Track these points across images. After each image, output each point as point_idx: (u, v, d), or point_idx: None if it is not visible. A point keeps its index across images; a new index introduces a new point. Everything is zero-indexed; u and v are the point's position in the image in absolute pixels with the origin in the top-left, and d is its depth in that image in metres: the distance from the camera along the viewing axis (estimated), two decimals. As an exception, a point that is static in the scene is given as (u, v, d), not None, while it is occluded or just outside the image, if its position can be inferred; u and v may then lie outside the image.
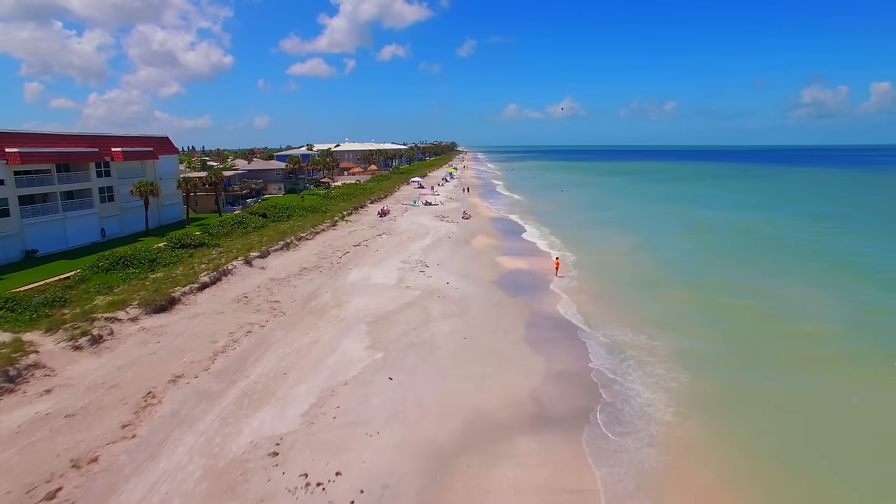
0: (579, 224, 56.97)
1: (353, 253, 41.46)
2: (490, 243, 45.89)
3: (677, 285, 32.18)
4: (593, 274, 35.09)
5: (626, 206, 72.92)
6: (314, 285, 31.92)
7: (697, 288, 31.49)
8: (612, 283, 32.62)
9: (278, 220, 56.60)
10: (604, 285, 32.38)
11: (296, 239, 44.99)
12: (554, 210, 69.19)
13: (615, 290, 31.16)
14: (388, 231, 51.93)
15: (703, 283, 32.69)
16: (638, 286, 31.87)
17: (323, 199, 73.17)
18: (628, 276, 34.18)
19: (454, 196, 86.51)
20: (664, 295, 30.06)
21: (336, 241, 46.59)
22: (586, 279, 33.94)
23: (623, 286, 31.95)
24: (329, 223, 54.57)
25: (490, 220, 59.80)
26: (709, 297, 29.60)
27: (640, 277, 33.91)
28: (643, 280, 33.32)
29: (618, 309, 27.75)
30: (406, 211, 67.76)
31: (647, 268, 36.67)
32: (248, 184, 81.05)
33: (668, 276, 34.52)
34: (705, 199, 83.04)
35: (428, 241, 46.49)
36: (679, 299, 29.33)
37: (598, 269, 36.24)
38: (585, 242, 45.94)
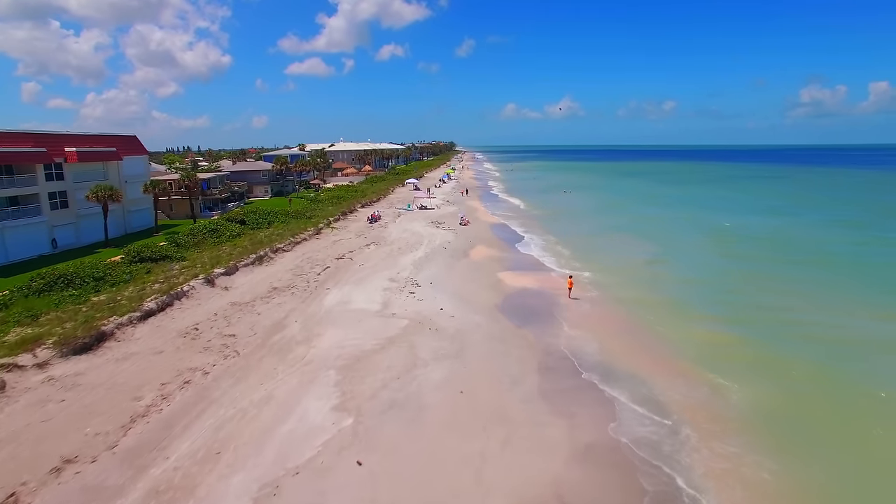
0: (588, 232, 51.89)
1: (334, 268, 36.30)
2: (491, 255, 40.78)
3: (713, 318, 26.88)
4: (612, 296, 29.98)
5: (636, 211, 67.86)
6: (282, 312, 26.76)
7: (739, 324, 26.15)
8: (635, 310, 27.49)
9: (257, 227, 51.51)
10: (626, 313, 27.26)
11: (271, 251, 39.80)
12: (558, 215, 64.11)
13: (641, 321, 26.02)
14: (378, 240, 46.79)
15: (743, 315, 27.40)
16: (666, 316, 26.73)
17: (310, 203, 68.02)
18: (653, 302, 29.05)
19: (452, 199, 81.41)
20: (699, 331, 24.86)
21: (317, 252, 41.43)
22: (605, 304, 28.85)
23: (649, 315, 26.82)
24: (312, 231, 49.41)
25: (490, 227, 54.70)
26: (757, 340, 24.46)
27: (666, 304, 28.77)
28: (671, 307, 28.18)
29: (647, 348, 22.64)
30: (399, 216, 62.63)
31: (673, 289, 31.53)
32: (231, 186, 75.84)
33: (698, 302, 29.35)
34: (718, 201, 78.04)
35: (421, 252, 41.37)
36: (720, 340, 24.12)
37: (617, 290, 31.13)
38: (597, 255, 40.84)
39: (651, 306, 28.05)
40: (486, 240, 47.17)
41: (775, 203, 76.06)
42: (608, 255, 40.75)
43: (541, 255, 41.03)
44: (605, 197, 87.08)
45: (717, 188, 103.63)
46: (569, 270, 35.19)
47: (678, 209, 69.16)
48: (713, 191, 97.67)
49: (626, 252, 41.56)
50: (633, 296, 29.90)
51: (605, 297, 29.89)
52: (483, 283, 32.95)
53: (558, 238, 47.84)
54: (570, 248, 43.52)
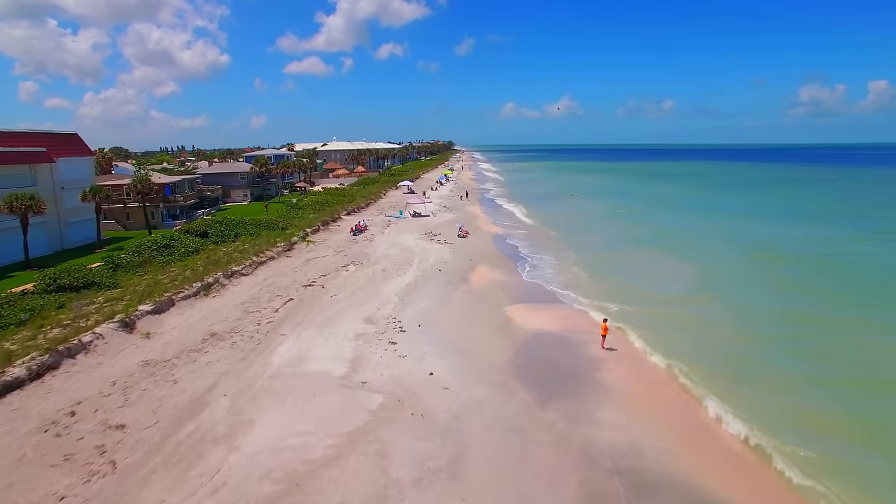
0: (606, 247, 44.43)
1: (298, 301, 28.78)
2: (495, 280, 33.32)
3: (803, 385, 19.53)
4: (657, 347, 22.52)
5: (655, 220, 60.41)
6: (209, 377, 19.23)
7: (839, 398, 18.90)
8: (695, 373, 20.00)
9: (221, 241, 44.04)
10: (685, 379, 19.77)
11: (224, 276, 32.25)
12: (569, 224, 56.63)
13: (707, 391, 18.53)
14: (360, 258, 39.26)
15: (842, 376, 20.14)
16: (743, 384, 19.26)
17: (289, 210, 60.47)
18: (716, 360, 21.47)
19: (449, 204, 73.91)
20: (795, 409, 17.50)
21: (283, 277, 33.91)
22: (651, 363, 21.39)
23: (717, 381, 19.31)
24: (283, 246, 41.87)
25: (493, 240, 47.22)
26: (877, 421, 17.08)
27: (734, 362, 21.25)
28: (743, 369, 20.66)
29: (730, 452, 15.21)
30: (389, 225, 55.11)
31: (732, 338, 23.98)
32: (203, 190, 68.25)
33: (772, 359, 21.80)
34: (741, 207, 70.62)
35: (410, 276, 33.88)
36: (829, 424, 16.77)
37: (660, 337, 23.61)
38: (623, 280, 33.41)
39: (716, 367, 20.56)
40: (488, 257, 39.69)
41: (805, 209, 68.63)
42: (637, 280, 33.27)
43: (555, 279, 33.52)
44: (615, 202, 79.60)
45: (735, 192, 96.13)
46: (595, 306, 27.73)
47: (700, 217, 61.69)
48: (731, 195, 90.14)
49: (659, 277, 34.08)
50: (684, 348, 22.37)
51: (648, 349, 22.44)
52: (487, 323, 25.47)
53: (573, 255, 40.37)
54: (589, 269, 36.06)
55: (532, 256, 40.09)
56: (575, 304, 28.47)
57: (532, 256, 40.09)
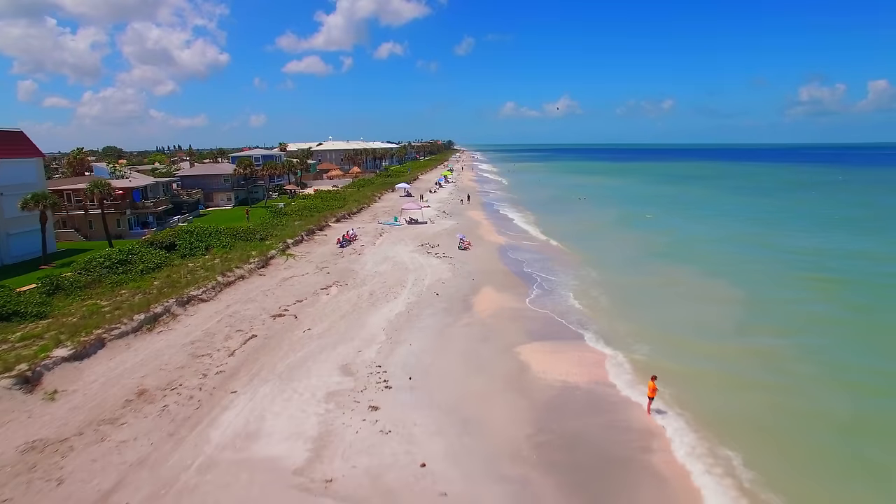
0: (628, 263, 38.95)
1: (262, 338, 23.31)
2: (503, 308, 27.86)
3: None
4: (718, 414, 17.10)
5: (677, 228, 55.01)
6: (111, 473, 13.72)
7: None
8: (786, 456, 14.58)
9: (191, 254, 38.76)
10: (773, 468, 14.36)
11: (178, 303, 26.78)
12: (581, 233, 51.19)
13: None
14: (345, 277, 33.80)
15: None
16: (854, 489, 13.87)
17: (272, 217, 55.04)
18: (805, 445, 16.13)
19: (449, 208, 68.44)
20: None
21: (251, 302, 28.44)
22: (722, 437, 15.93)
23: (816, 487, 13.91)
24: (258, 261, 36.41)
25: (498, 253, 41.76)
26: None
27: (831, 454, 15.89)
28: (846, 466, 15.32)
29: None
30: (381, 234, 49.63)
31: (821, 420, 18.60)
32: (181, 194, 62.80)
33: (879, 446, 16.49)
34: (769, 212, 65.19)
35: (402, 301, 28.42)
36: None
37: (716, 397, 18.27)
38: (657, 311, 27.94)
39: (807, 454, 15.15)
40: (494, 276, 34.23)
41: (831, 215, 63.18)
42: (671, 311, 27.77)
43: (573, 308, 28.00)
44: (627, 205, 74.18)
45: (754, 195, 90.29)
46: (626, 347, 22.32)
47: (726, 225, 56.17)
48: (751, 198, 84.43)
49: (697, 307, 28.50)
50: (755, 419, 16.99)
51: (709, 416, 17.02)
52: (497, 372, 20.04)
53: (590, 274, 34.92)
54: (611, 293, 30.63)
55: (543, 275, 34.59)
56: (601, 345, 23.01)
57: (543, 275, 34.59)
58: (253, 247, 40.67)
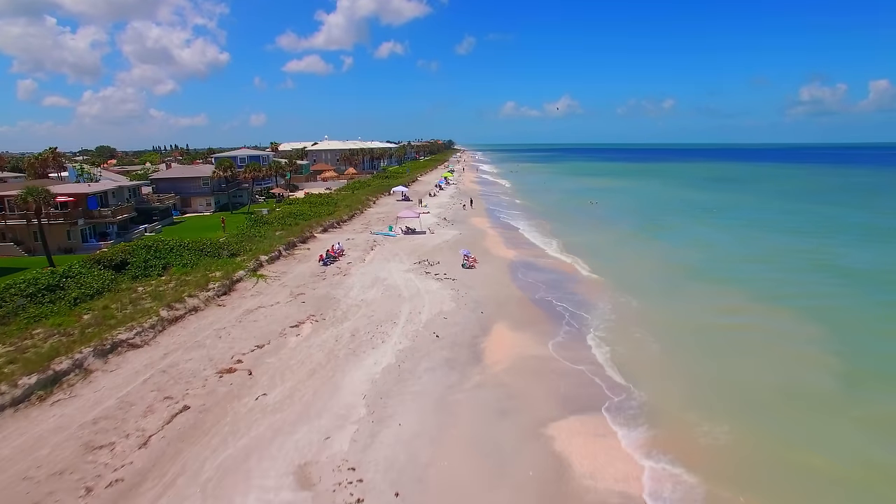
0: (668, 285, 32.61)
1: (196, 412, 16.94)
2: (523, 357, 21.49)
3: None
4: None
5: (708, 238, 48.68)
6: None
7: None
8: None
9: (144, 275, 32.75)
10: None
11: (97, 352, 20.42)
12: (603, 246, 44.81)
13: None
14: (323, 308, 27.44)
15: None
16: None
17: (251, 226, 48.67)
18: None
19: (450, 215, 62.06)
20: None
21: (197, 348, 22.07)
22: None
23: None
24: (221, 285, 30.07)
25: (509, 272, 35.42)
26: None
27: None
28: None
29: None
30: (373, 248, 43.23)
31: None
32: (151, 200, 56.49)
33: None
34: (813, 220, 58.83)
35: (391, 348, 22.07)
36: None
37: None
38: (729, 369, 21.62)
39: None
40: (507, 306, 27.87)
41: (892, 223, 56.84)
42: (744, 365, 21.41)
43: (617, 357, 21.66)
44: (644, 211, 67.79)
45: (781, 199, 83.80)
46: (694, 436, 15.98)
47: (763, 236, 49.53)
48: (780, 203, 77.84)
49: (785, 363, 21.99)
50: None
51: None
52: (523, 475, 13.78)
53: (627, 303, 28.55)
54: (660, 334, 24.27)
55: (566, 305, 28.20)
56: (663, 424, 16.69)
57: (566, 305, 28.20)
58: (219, 265, 34.32)
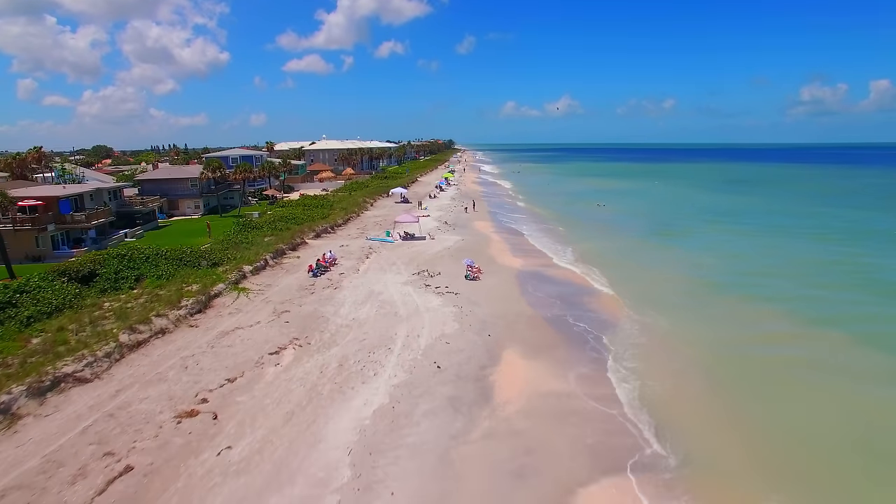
0: (697, 301, 29.32)
1: (140, 474, 13.58)
2: (540, 393, 18.17)
3: None
4: None
5: (730, 245, 45.33)
6: None
7: None
8: None
9: (114, 288, 29.97)
10: None
11: (30, 393, 17.12)
12: (617, 253, 41.53)
13: None
14: (308, 329, 24.12)
15: None
16: None
17: (238, 231, 45.35)
18: None
19: (451, 218, 58.74)
20: None
21: (156, 382, 18.74)
22: None
23: None
24: (195, 301, 26.77)
25: (518, 284, 32.12)
26: None
27: None
28: None
29: None
30: (369, 256, 39.91)
31: None
32: (133, 203, 53.26)
33: None
34: (845, 225, 55.42)
35: (384, 382, 18.75)
36: None
37: None
38: (785, 418, 18.36)
39: None
40: (518, 326, 24.57)
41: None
42: (818, 420, 18.15)
43: (654, 398, 18.34)
44: (655, 214, 64.44)
45: (799, 202, 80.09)
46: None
47: (792, 244, 45.51)
48: (799, 207, 74.20)
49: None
50: None
51: None
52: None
53: (655, 322, 25.25)
54: (701, 364, 21.01)
55: (586, 326, 24.90)
56: (720, 485, 13.40)
57: (586, 326, 24.90)
58: (198, 277, 31.03)
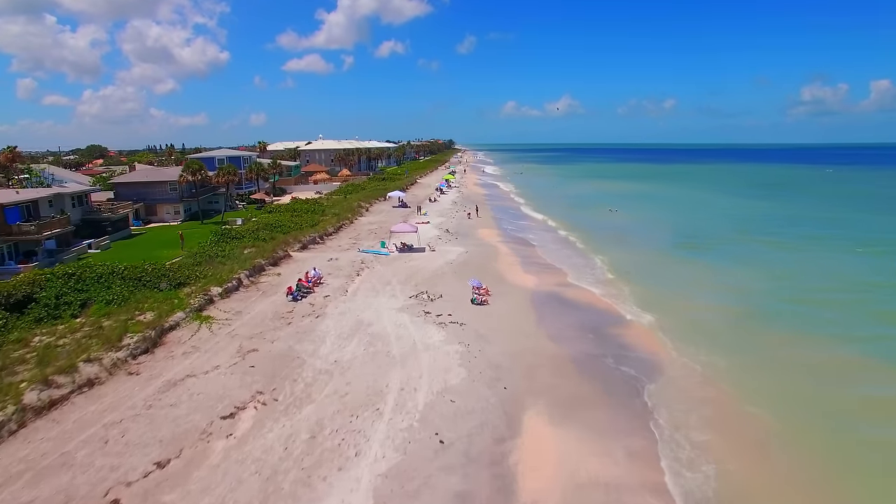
0: (751, 338, 24.39)
1: None
2: (578, 479, 13.18)
3: None
4: None
5: (775, 264, 40.29)
6: None
7: None
8: None
9: (55, 316, 25.47)
10: None
11: None
12: (646, 270, 36.59)
13: None
14: (278, 378, 19.08)
15: None
16: None
17: (215, 242, 40.30)
18: None
19: (454, 226, 53.76)
20: None
21: (58, 471, 13.69)
22: None
23: None
24: (142, 338, 21.74)
25: (534, 311, 27.10)
26: None
27: None
28: None
29: None
30: (359, 273, 34.87)
31: None
32: (102, 209, 48.27)
33: None
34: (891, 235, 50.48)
35: (367, 469, 13.73)
36: None
37: None
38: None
39: None
40: (541, 374, 19.57)
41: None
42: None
43: (737, 490, 13.40)
44: (682, 225, 59.17)
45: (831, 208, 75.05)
46: None
47: (870, 265, 40.10)
48: (832, 214, 69.12)
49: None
50: None
51: None
52: None
53: (717, 369, 20.29)
54: (797, 455, 16.10)
55: (626, 368, 19.94)
56: None
57: (626, 368, 19.94)
58: (157, 301, 26.08)
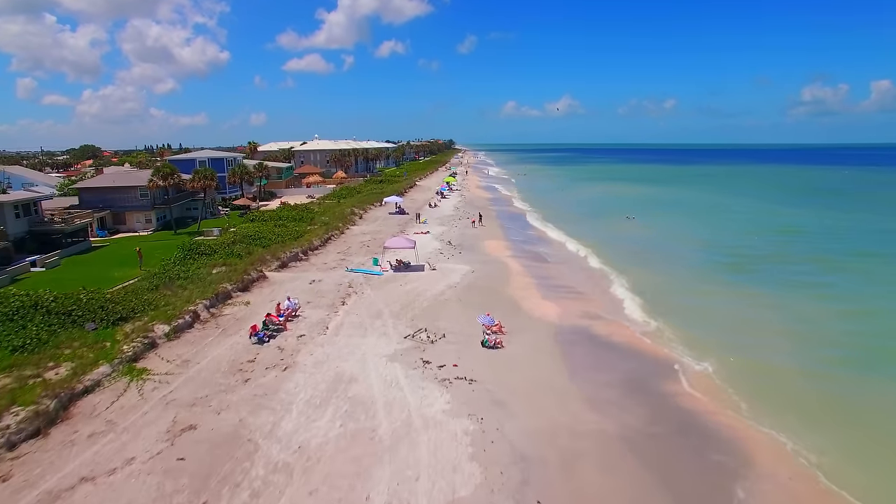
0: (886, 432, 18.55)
1: None
2: None
3: None
4: None
5: (852, 290, 34.46)
6: None
7: None
8: None
9: None
10: None
11: None
12: (680, 297, 30.82)
13: None
14: (212, 482, 13.25)
15: None
16: None
17: (180, 259, 34.46)
18: None
19: (456, 237, 47.90)
20: None
21: None
22: None
23: None
24: (30, 416, 15.85)
25: (563, 359, 21.25)
26: None
27: None
28: None
29: None
30: (345, 301, 28.98)
31: None
32: (54, 220, 42.45)
33: None
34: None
35: None
36: None
37: None
38: None
39: None
40: (585, 466, 13.81)
41: None
42: None
43: None
44: (714, 235, 53.26)
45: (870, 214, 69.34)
46: None
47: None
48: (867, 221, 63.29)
49: None
50: None
51: None
52: None
53: (836, 469, 14.47)
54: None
55: (701, 459, 14.14)
56: None
57: (701, 459, 14.14)
58: (83, 346, 20.27)
